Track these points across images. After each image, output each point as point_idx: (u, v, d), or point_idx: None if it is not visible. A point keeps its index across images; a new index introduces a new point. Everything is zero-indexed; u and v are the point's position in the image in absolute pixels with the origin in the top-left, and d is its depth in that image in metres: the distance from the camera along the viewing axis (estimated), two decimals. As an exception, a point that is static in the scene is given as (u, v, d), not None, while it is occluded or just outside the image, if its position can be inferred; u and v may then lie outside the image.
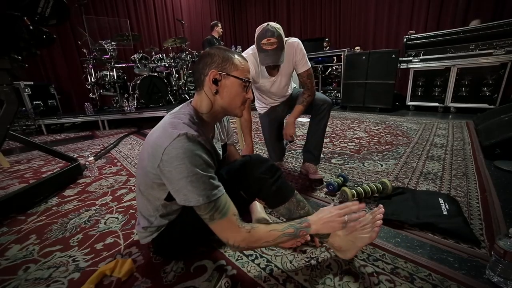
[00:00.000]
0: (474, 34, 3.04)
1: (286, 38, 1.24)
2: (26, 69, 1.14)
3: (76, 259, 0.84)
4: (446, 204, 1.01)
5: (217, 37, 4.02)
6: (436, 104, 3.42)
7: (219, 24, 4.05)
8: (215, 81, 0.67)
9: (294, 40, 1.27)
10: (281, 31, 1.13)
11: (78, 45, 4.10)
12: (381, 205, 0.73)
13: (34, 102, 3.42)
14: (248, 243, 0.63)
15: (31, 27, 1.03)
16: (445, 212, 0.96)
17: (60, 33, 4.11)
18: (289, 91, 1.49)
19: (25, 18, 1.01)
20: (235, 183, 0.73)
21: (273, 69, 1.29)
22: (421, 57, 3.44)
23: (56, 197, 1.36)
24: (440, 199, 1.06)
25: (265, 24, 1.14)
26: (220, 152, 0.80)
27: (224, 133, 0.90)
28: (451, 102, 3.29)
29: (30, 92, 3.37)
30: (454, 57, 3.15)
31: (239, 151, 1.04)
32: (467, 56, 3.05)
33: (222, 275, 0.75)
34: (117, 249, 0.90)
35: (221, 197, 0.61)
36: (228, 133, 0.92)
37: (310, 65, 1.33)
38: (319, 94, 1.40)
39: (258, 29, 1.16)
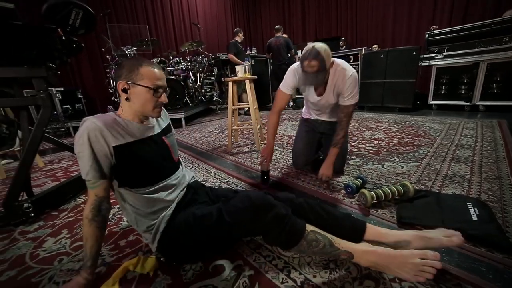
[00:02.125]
0: (509, 26, 2.79)
1: (340, 63, 1.23)
2: (58, 76, 1.24)
3: (102, 254, 0.89)
4: (475, 209, 0.95)
5: (239, 41, 4.11)
6: (462, 102, 3.21)
7: (241, 31, 4.20)
8: (125, 90, 0.75)
9: (349, 70, 1.22)
10: (325, 54, 1.12)
11: (102, 52, 4.34)
12: (437, 254, 0.64)
13: (64, 106, 3.68)
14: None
15: (63, 38, 1.12)
16: (474, 218, 0.90)
17: (86, 41, 4.39)
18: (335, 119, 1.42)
19: (58, 29, 1.10)
20: (238, 227, 0.71)
21: (319, 87, 1.31)
22: (445, 53, 3.25)
23: (84, 195, 1.46)
24: (468, 203, 0.99)
25: (311, 45, 1.14)
26: (152, 133, 0.83)
27: (167, 126, 0.94)
28: (480, 100, 3.07)
29: (60, 97, 3.63)
30: (484, 52, 2.93)
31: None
32: (499, 50, 2.82)
33: (240, 275, 0.76)
34: (139, 246, 0.94)
35: (90, 180, 0.71)
36: (170, 128, 0.96)
37: (354, 102, 1.26)
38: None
39: (304, 49, 1.17)
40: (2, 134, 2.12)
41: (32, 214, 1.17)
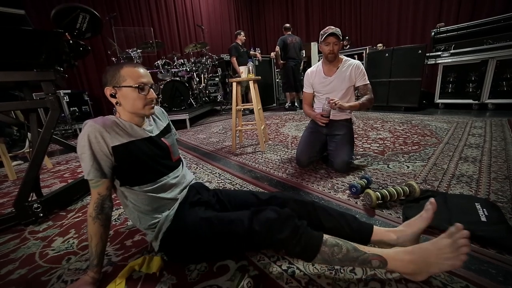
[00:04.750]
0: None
1: (347, 59, 1.55)
2: (65, 79, 1.27)
3: (108, 254, 0.91)
4: (484, 209, 0.93)
5: (240, 44, 4.11)
6: (470, 101, 3.15)
7: (242, 33, 4.18)
8: (113, 95, 0.77)
9: (356, 61, 1.54)
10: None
11: (107, 55, 4.41)
12: (458, 225, 0.60)
13: (71, 108, 3.75)
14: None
15: (71, 41, 1.14)
16: (483, 219, 0.88)
17: (93, 44, 4.47)
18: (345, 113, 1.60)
19: (66, 33, 1.13)
20: (267, 235, 0.69)
21: (330, 62, 1.53)
22: (451, 51, 3.19)
23: (90, 196, 1.48)
24: (477, 204, 0.97)
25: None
26: (150, 134, 0.84)
27: (165, 126, 0.94)
28: (489, 98, 3.00)
29: (68, 100, 3.71)
30: (493, 49, 2.87)
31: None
32: (509, 47, 2.75)
33: (244, 275, 0.76)
34: (144, 246, 0.95)
35: (92, 180, 0.74)
36: (168, 128, 0.96)
37: (368, 82, 1.54)
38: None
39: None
40: (13, 136, 2.18)
41: (41, 214, 1.19)
